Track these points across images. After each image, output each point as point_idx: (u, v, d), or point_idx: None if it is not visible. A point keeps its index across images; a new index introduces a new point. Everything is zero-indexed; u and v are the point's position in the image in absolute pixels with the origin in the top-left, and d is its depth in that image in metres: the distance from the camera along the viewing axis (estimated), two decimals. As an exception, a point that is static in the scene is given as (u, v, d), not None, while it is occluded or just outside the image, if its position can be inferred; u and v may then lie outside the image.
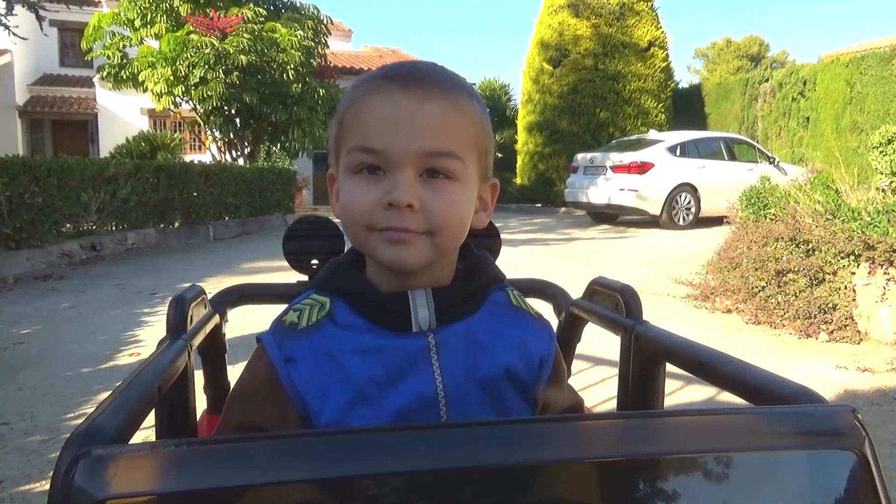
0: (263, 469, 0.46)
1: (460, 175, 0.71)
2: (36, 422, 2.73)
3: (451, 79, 0.74)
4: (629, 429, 0.54)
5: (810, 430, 0.53)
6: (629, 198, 10.40)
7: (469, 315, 0.75)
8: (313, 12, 14.07)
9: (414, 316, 0.72)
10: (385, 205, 0.68)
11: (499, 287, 0.80)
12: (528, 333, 0.78)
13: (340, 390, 0.70)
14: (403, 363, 0.71)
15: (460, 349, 0.73)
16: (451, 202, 0.70)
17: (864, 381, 3.21)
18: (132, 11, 12.70)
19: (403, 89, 0.70)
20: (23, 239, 6.52)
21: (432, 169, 0.70)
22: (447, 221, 0.70)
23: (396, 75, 0.71)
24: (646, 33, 15.61)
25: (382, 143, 0.69)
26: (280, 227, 11.73)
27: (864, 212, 4.16)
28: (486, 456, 0.49)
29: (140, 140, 14.26)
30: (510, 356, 0.75)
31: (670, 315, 4.53)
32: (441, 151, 0.69)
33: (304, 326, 0.72)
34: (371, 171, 0.70)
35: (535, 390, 0.77)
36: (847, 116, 13.56)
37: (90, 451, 0.46)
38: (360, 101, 0.72)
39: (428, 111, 0.69)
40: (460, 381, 0.72)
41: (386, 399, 0.70)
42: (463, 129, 0.72)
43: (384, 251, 0.70)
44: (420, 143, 0.69)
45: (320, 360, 0.71)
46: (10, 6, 10.07)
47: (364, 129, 0.70)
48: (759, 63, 33.83)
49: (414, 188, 0.68)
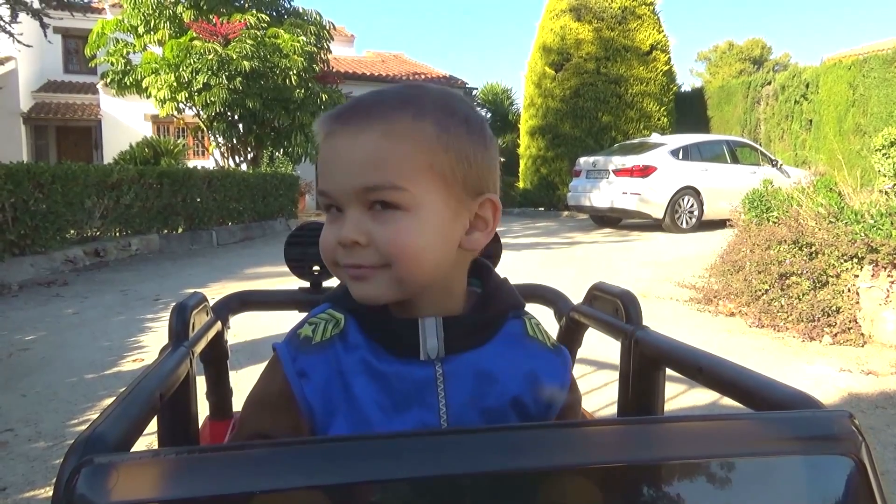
0: (265, 476, 0.46)
1: (406, 204, 0.68)
2: (40, 428, 2.74)
3: (395, 103, 0.70)
4: (627, 434, 0.54)
5: (807, 435, 0.54)
6: (632, 201, 10.39)
7: (480, 345, 0.74)
8: (316, 18, 14.10)
9: (423, 344, 0.71)
10: (338, 245, 0.70)
11: (515, 315, 0.78)
12: (540, 364, 0.76)
13: (347, 411, 0.70)
14: (409, 391, 0.71)
15: (468, 379, 0.72)
16: (398, 233, 0.68)
17: (868, 384, 3.20)
18: (136, 18, 12.76)
19: (343, 128, 0.69)
20: (27, 245, 6.54)
21: (375, 201, 0.68)
22: (399, 253, 0.68)
23: (341, 114, 0.71)
24: (647, 37, 15.63)
25: (327, 184, 0.71)
26: (283, 232, 11.74)
27: (868, 214, 4.16)
28: (486, 462, 0.49)
29: (144, 146, 14.31)
30: (518, 387, 0.74)
31: (673, 318, 4.52)
32: (375, 185, 0.67)
33: (318, 341, 0.72)
34: (330, 210, 0.72)
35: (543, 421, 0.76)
36: (850, 119, 13.55)
37: (92, 459, 0.47)
38: (321, 143, 0.73)
39: (360, 146, 0.68)
40: (465, 411, 0.71)
41: (390, 425, 0.70)
42: (402, 155, 0.68)
43: (351, 287, 0.71)
44: (354, 180, 0.68)
45: (331, 378, 0.71)
46: (15, 14, 10.13)
47: (321, 172, 0.72)
48: (761, 66, 33.80)
49: (359, 225, 0.68)
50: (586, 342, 1.20)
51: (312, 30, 13.59)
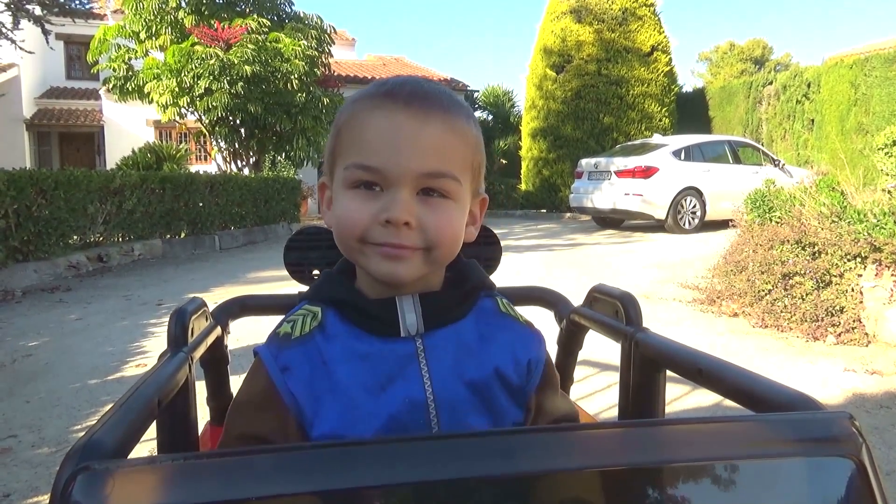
0: (262, 482, 0.46)
1: (455, 194, 0.73)
2: (43, 434, 2.74)
3: (451, 100, 0.75)
4: (628, 438, 0.54)
5: (808, 437, 0.53)
6: (634, 202, 10.38)
7: (457, 321, 0.77)
8: (317, 22, 14.13)
9: (402, 321, 0.74)
10: (382, 221, 0.70)
11: (487, 295, 0.82)
12: (516, 338, 0.79)
13: (333, 399, 0.71)
14: (392, 368, 0.72)
15: (448, 353, 0.74)
16: (446, 220, 0.72)
17: (872, 383, 3.19)
18: (137, 24, 12.80)
19: (405, 109, 0.71)
20: (30, 251, 6.56)
21: (428, 188, 0.72)
22: (443, 238, 0.72)
23: (399, 94, 0.72)
24: (648, 38, 15.63)
25: (382, 161, 0.70)
26: (286, 236, 11.72)
27: (871, 213, 4.15)
28: (486, 467, 0.49)
29: (146, 151, 14.34)
30: (499, 359, 0.76)
31: (676, 320, 4.51)
32: (440, 172, 0.71)
33: (297, 336, 0.74)
34: (368, 187, 0.72)
35: (525, 394, 0.78)
36: (852, 118, 13.52)
37: (89, 465, 0.47)
38: (361, 117, 0.73)
39: (429, 132, 0.71)
40: (449, 384, 0.73)
41: (377, 405, 0.71)
42: (460, 150, 0.74)
43: (378, 265, 0.72)
44: (420, 163, 0.70)
45: (314, 369, 0.72)
46: (17, 21, 10.17)
47: (363, 147, 0.71)
48: (762, 66, 33.79)
49: (411, 206, 0.70)
50: (586, 344, 1.20)
51: (313, 34, 13.62)
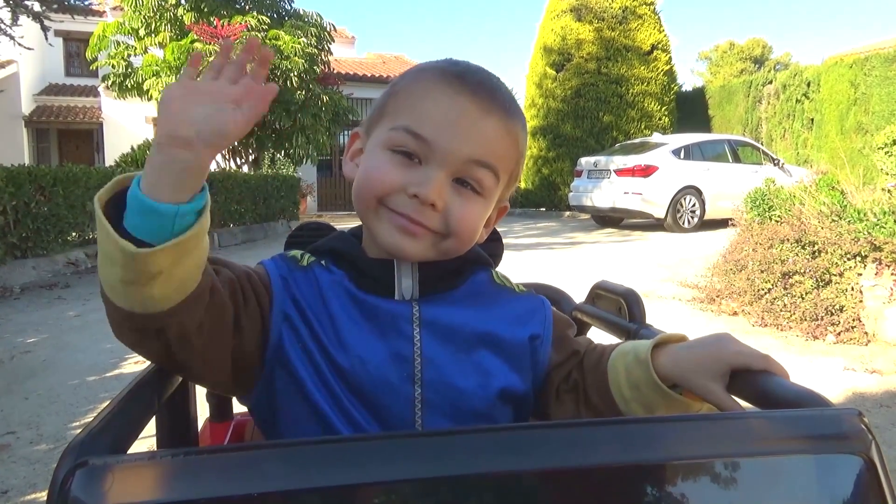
0: (262, 478, 0.46)
1: (488, 192, 0.74)
2: (42, 431, 2.73)
3: (513, 103, 0.77)
4: (634, 434, 0.53)
5: (816, 434, 0.53)
6: (634, 201, 10.38)
7: (451, 289, 0.78)
8: (316, 19, 14.10)
9: (398, 284, 0.75)
10: (410, 194, 0.70)
11: (482, 268, 0.83)
12: (510, 303, 0.81)
13: (326, 319, 0.73)
14: (386, 321, 0.74)
15: (441, 317, 0.75)
16: (470, 213, 0.73)
17: (872, 382, 3.19)
18: (136, 21, 12.77)
19: (472, 95, 0.72)
20: (29, 248, 6.55)
21: (464, 178, 0.72)
22: (462, 230, 0.73)
23: (469, 78, 0.73)
24: (648, 37, 15.62)
25: (435, 135, 0.71)
26: (285, 234, 11.72)
27: (870, 212, 4.14)
28: (489, 463, 0.48)
29: (145, 148, 14.31)
30: (490, 325, 0.77)
31: (676, 318, 4.51)
32: (486, 162, 0.72)
33: (304, 264, 0.77)
34: (407, 156, 0.72)
35: (539, 365, 0.79)
36: (851, 117, 13.52)
37: (87, 461, 0.46)
38: (425, 87, 0.73)
39: (488, 124, 0.72)
40: (437, 345, 0.74)
41: (364, 350, 0.72)
42: (509, 152, 0.75)
43: (388, 233, 0.73)
44: (472, 149, 0.71)
45: (311, 291, 0.74)
46: (16, 17, 10.15)
47: (419, 115, 0.72)
48: (762, 65, 33.78)
49: (443, 190, 0.71)
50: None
51: (313, 31, 13.59)
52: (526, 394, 0.79)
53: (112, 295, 0.63)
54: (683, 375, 0.71)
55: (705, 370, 0.69)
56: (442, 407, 0.73)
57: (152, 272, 0.59)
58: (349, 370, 0.71)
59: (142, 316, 0.63)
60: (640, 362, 0.73)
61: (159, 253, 0.58)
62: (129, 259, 0.58)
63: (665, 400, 0.71)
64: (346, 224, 0.96)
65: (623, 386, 0.75)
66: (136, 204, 0.59)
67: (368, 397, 0.72)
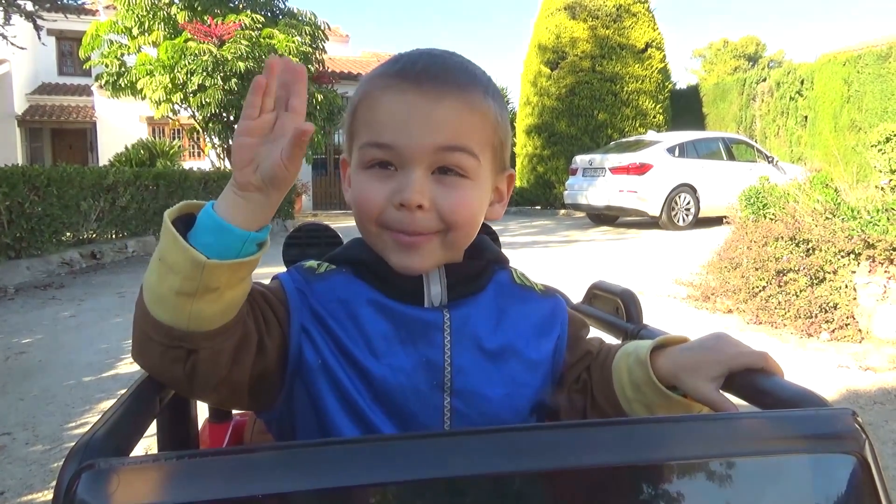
0: (266, 480, 0.46)
1: (473, 172, 0.72)
2: (38, 432, 2.73)
3: (467, 75, 0.73)
4: (632, 434, 0.54)
5: (811, 434, 0.53)
6: (628, 199, 10.40)
7: (477, 293, 0.77)
8: (310, 18, 14.07)
9: (427, 291, 0.74)
10: (396, 204, 0.69)
11: (502, 268, 0.82)
12: (533, 307, 0.80)
13: (351, 326, 0.72)
14: (416, 330, 0.73)
15: (470, 324, 0.75)
16: (462, 200, 0.71)
17: (866, 380, 3.21)
18: (130, 20, 12.71)
19: (418, 87, 0.70)
20: (23, 248, 6.52)
21: (444, 167, 0.70)
22: (459, 219, 0.71)
23: (410, 72, 0.71)
24: (642, 35, 15.64)
25: (394, 138, 0.69)
26: (280, 232, 11.72)
27: (864, 210, 4.17)
28: (490, 464, 0.49)
29: (139, 148, 14.26)
30: (516, 331, 0.77)
31: (671, 316, 4.52)
32: (455, 146, 0.70)
33: (321, 272, 0.76)
34: (383, 167, 0.71)
35: (556, 366, 0.79)
36: (845, 115, 13.56)
37: (93, 463, 0.47)
38: (374, 97, 0.72)
39: (443, 110, 0.70)
40: (468, 353, 0.74)
41: (395, 357, 0.71)
42: (478, 127, 0.72)
43: (393, 254, 0.72)
44: (433, 137, 0.69)
45: (332, 299, 0.73)
46: (8, 16, 10.09)
47: (376, 125, 0.71)
48: (756, 63, 33.87)
49: (424, 187, 0.69)
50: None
51: (307, 30, 13.56)
52: (553, 404, 0.80)
53: (157, 307, 0.63)
54: (678, 376, 0.72)
55: (701, 372, 0.70)
56: (470, 416, 0.73)
57: (211, 286, 0.61)
58: (380, 378, 0.70)
59: (182, 333, 0.63)
60: (640, 363, 0.74)
61: (225, 267, 0.61)
62: (195, 269, 0.60)
63: (665, 401, 0.72)
64: (342, 223, 0.96)
65: (626, 386, 0.75)
66: (211, 223, 0.63)
67: (397, 406, 0.71)
